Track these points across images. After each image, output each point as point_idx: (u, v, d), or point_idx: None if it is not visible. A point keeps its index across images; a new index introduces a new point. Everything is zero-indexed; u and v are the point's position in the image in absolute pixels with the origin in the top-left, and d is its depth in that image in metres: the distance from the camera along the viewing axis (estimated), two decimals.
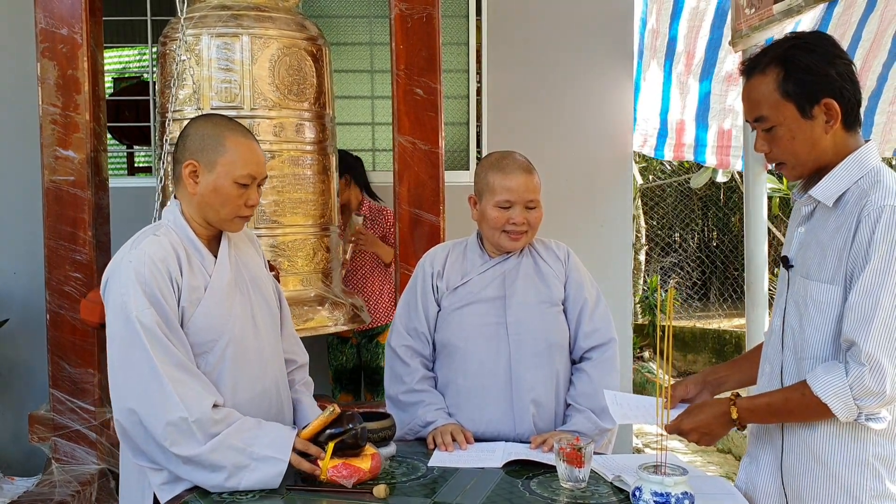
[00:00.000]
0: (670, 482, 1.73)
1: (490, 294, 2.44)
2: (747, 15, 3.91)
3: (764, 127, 1.86)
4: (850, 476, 1.79)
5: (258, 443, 1.96)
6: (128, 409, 1.96)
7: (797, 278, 1.89)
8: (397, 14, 3.55)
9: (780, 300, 1.95)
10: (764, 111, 1.84)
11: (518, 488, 2.01)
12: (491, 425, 2.40)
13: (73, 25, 3.50)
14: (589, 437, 2.32)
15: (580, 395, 2.42)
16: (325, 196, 3.62)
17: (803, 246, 1.90)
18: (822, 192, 1.85)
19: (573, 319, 2.47)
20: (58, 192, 3.52)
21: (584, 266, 2.53)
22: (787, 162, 1.88)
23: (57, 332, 3.54)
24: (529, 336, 2.41)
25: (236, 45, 3.43)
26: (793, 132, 1.83)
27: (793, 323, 1.88)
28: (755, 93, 1.86)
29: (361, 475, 2.00)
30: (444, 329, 2.48)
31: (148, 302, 1.96)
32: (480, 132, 4.90)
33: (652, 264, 9.75)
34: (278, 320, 2.32)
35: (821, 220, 1.87)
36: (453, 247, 2.58)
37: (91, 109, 3.55)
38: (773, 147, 1.87)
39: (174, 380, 1.93)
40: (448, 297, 2.48)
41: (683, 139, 5.32)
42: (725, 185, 9.07)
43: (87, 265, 3.51)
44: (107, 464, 3.52)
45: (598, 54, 4.90)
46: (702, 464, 5.50)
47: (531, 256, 2.49)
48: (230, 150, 2.07)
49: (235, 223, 2.13)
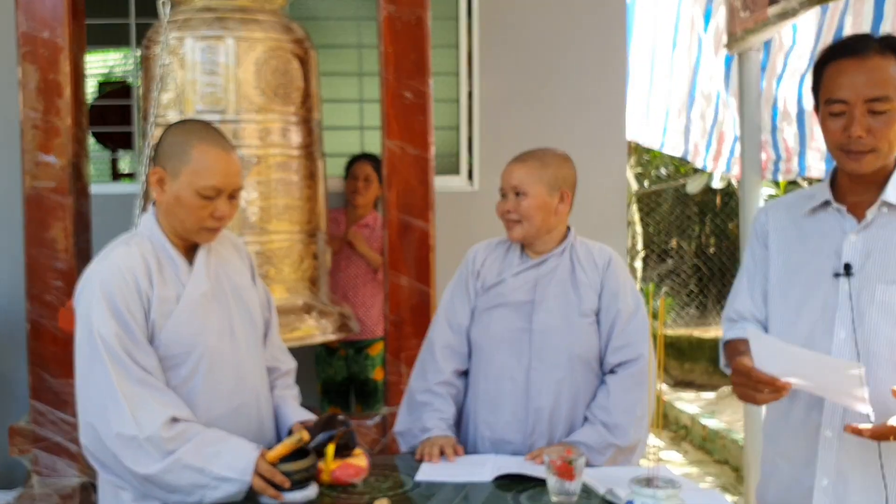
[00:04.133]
0: (662, 495, 1.68)
1: (520, 298, 2.39)
2: (742, 18, 3.87)
3: (882, 108, 1.80)
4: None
5: (218, 462, 1.89)
6: (87, 424, 1.92)
7: (876, 285, 1.85)
8: (386, 16, 3.49)
9: (840, 311, 1.88)
10: (890, 91, 1.79)
11: (508, 502, 1.95)
12: (506, 431, 2.36)
13: (54, 29, 3.44)
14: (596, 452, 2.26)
15: (596, 406, 2.34)
16: (311, 202, 3.55)
17: (868, 253, 1.87)
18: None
19: (605, 331, 2.37)
20: (38, 199, 3.45)
21: (625, 273, 2.43)
22: (879, 150, 1.84)
23: (37, 341, 3.46)
24: (552, 346, 2.34)
25: (221, 47, 3.36)
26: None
27: (880, 330, 1.83)
28: (881, 72, 1.80)
29: (364, 473, 2.06)
30: (474, 329, 2.45)
31: (111, 315, 1.90)
32: (471, 136, 4.84)
33: (648, 271, 9.69)
34: (261, 332, 2.25)
35: (890, 225, 1.87)
36: (498, 244, 2.53)
37: (73, 114, 3.48)
38: (876, 131, 1.81)
39: (130, 395, 1.87)
40: (482, 296, 2.44)
41: (723, 149, 5.31)
42: (722, 191, 9.02)
43: (69, 273, 3.43)
44: (88, 477, 3.44)
45: (591, 58, 4.85)
46: (698, 475, 5.43)
47: (570, 262, 2.42)
48: (195, 159, 1.99)
49: (202, 235, 2.06)
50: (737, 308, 2.13)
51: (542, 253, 2.42)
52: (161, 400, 1.91)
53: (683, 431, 6.44)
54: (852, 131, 1.81)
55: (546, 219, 2.39)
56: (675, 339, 8.06)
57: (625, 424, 2.30)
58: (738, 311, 2.12)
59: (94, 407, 1.91)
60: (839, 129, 1.84)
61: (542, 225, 2.39)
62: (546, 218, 2.39)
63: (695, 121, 5.56)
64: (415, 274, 3.45)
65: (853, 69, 1.82)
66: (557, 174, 2.39)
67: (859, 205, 1.91)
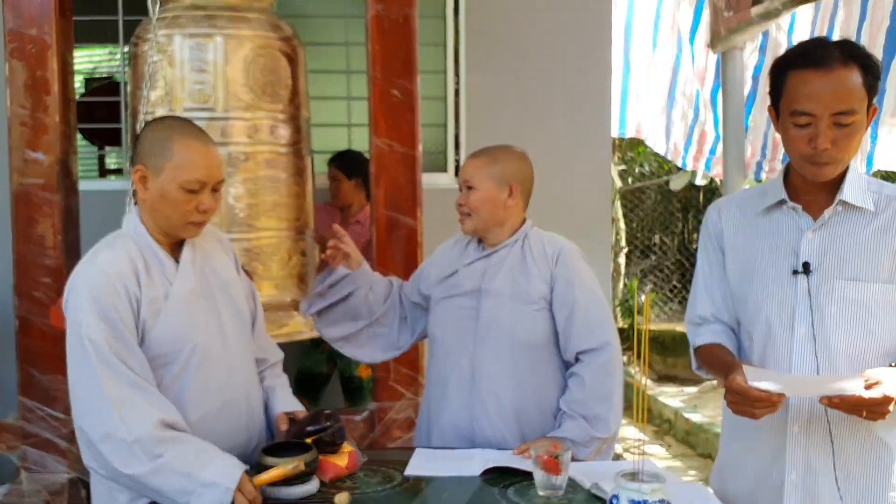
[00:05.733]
0: (647, 490, 1.70)
1: (469, 287, 2.46)
2: (725, 17, 3.91)
3: (847, 121, 1.82)
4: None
5: (205, 469, 1.88)
6: (79, 427, 1.93)
7: (835, 282, 1.89)
8: (373, 15, 3.51)
9: (799, 308, 1.93)
10: (854, 104, 1.82)
11: (495, 496, 1.98)
12: (455, 417, 2.43)
13: (42, 26, 3.43)
14: (581, 447, 2.30)
15: (573, 401, 2.38)
16: (300, 199, 3.57)
17: (826, 251, 1.91)
18: (857, 196, 1.91)
19: (562, 319, 2.41)
20: (26, 196, 3.45)
21: (580, 265, 2.45)
22: (840, 161, 1.87)
23: (26, 338, 3.46)
24: (496, 331, 2.40)
25: (209, 45, 3.37)
26: (860, 131, 1.85)
27: (839, 325, 1.88)
28: (846, 84, 1.82)
29: (338, 472, 2.05)
30: (431, 318, 2.56)
31: (99, 318, 1.91)
32: (458, 134, 4.87)
33: (631, 267, 9.75)
34: (249, 325, 2.27)
35: (846, 223, 1.91)
36: (461, 237, 2.60)
37: (61, 111, 3.48)
38: (840, 143, 1.84)
39: (119, 398, 1.88)
40: (437, 286, 2.53)
41: (703, 149, 5.35)
42: (705, 188, 9.09)
43: (57, 270, 3.44)
44: (77, 473, 3.45)
45: (577, 56, 4.88)
46: (682, 469, 5.49)
47: (522, 251, 2.46)
48: (177, 153, 2.01)
49: (188, 229, 2.07)
50: (698, 313, 2.16)
51: (496, 245, 2.49)
52: (150, 402, 1.92)
53: (667, 425, 6.50)
54: (818, 144, 1.83)
55: (494, 212, 2.45)
56: (659, 334, 8.11)
57: (604, 416, 2.34)
58: (701, 316, 2.15)
59: (84, 410, 1.92)
60: (804, 140, 1.86)
61: (490, 218, 2.46)
62: (494, 211, 2.45)
63: (675, 121, 5.61)
64: (402, 270, 3.46)
65: (818, 81, 1.83)
66: (506, 169, 2.45)
67: (814, 203, 1.96)
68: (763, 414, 1.82)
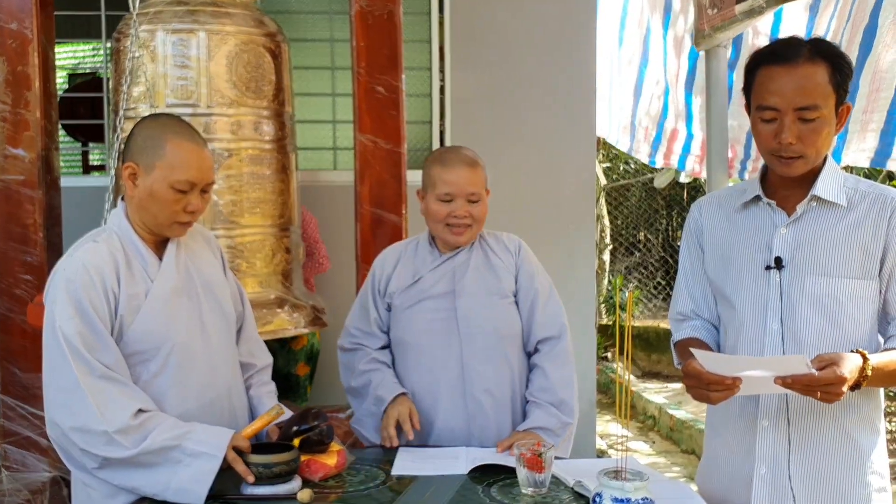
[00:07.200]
0: (630, 487, 1.71)
1: (440, 290, 2.44)
2: (710, 15, 3.91)
3: (810, 116, 1.85)
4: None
5: (192, 438, 1.90)
6: (50, 419, 1.92)
7: (806, 277, 1.91)
8: (358, 11, 3.50)
9: (771, 303, 1.95)
10: (818, 100, 1.84)
11: (478, 495, 1.98)
12: (446, 420, 2.40)
13: (22, 20, 3.40)
14: (553, 434, 2.33)
15: (538, 390, 2.42)
16: (284, 195, 3.55)
17: (798, 246, 1.93)
18: (830, 192, 1.92)
19: (525, 310, 2.46)
20: (8, 192, 3.42)
21: (535, 258, 2.53)
22: (807, 157, 1.89)
23: (7, 336, 3.44)
24: (480, 329, 2.41)
25: (192, 41, 3.35)
26: (827, 127, 1.86)
27: (810, 321, 1.90)
28: (812, 80, 1.84)
29: (327, 471, 2.05)
30: (395, 328, 2.50)
31: (74, 312, 1.91)
32: (443, 131, 4.86)
33: (616, 264, 9.78)
34: (234, 326, 2.26)
35: (819, 218, 1.93)
36: (405, 246, 2.57)
37: (42, 106, 3.45)
38: (805, 139, 1.86)
39: (94, 391, 1.87)
40: (400, 296, 2.47)
41: (674, 147, 5.36)
42: (689, 185, 9.13)
43: (39, 267, 3.41)
44: (59, 471, 3.43)
45: (561, 54, 4.89)
46: (665, 465, 5.51)
47: (482, 250, 2.49)
48: (170, 153, 2.00)
49: (175, 229, 2.07)
50: (679, 310, 2.20)
51: (455, 247, 2.47)
52: (127, 393, 1.92)
53: (651, 422, 6.53)
54: (782, 138, 1.86)
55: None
56: (643, 331, 8.15)
57: (569, 400, 2.41)
58: (681, 312, 2.19)
59: (57, 402, 1.91)
60: (770, 135, 1.89)
61: (482, 226, 2.50)
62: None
63: (641, 118, 5.62)
64: None
65: (783, 77, 1.86)
66: (484, 174, 2.46)
67: (789, 199, 1.98)
68: (719, 398, 1.83)
